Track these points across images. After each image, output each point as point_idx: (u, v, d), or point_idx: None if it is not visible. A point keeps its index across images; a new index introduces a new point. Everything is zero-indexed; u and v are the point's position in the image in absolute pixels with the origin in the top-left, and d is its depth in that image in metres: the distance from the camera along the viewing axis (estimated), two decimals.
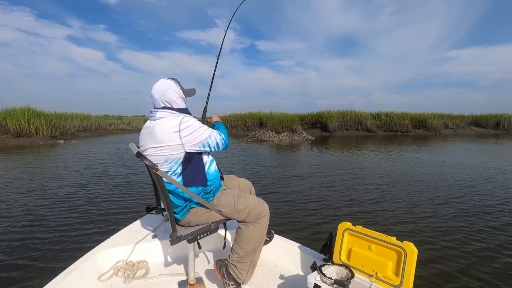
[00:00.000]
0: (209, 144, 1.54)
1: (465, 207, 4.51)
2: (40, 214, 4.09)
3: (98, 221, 3.86)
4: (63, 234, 3.43)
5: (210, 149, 1.56)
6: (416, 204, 4.67)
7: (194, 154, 1.53)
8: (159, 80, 1.58)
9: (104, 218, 3.95)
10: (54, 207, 4.41)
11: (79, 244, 3.16)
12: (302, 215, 4.13)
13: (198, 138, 1.50)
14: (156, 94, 1.54)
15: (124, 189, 5.56)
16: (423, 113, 26.23)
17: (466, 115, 29.33)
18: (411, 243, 1.29)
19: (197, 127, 1.50)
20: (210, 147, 1.55)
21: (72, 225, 3.69)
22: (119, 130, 26.10)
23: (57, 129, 16.69)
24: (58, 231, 3.50)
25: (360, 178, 6.63)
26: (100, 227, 3.66)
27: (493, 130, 27.74)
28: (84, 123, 21.17)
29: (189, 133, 1.47)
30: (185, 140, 1.46)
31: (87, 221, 3.83)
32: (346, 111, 24.79)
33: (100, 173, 7.08)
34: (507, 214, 4.19)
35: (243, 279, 1.59)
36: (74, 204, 4.59)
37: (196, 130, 1.49)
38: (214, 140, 1.55)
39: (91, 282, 1.69)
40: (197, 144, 1.50)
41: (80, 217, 3.99)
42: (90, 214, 4.10)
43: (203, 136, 1.51)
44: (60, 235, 3.39)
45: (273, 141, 16.60)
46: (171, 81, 1.58)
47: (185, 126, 1.46)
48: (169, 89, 1.54)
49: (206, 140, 1.52)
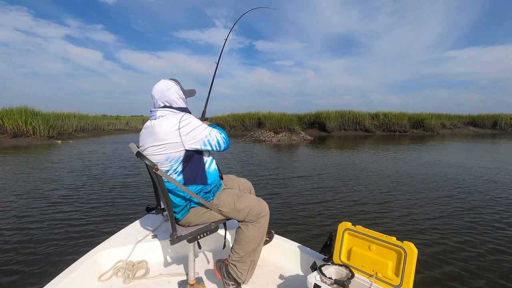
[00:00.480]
0: (210, 143, 1.52)
1: (465, 207, 4.51)
2: (39, 214, 4.07)
3: (98, 221, 3.84)
4: (63, 234, 3.42)
5: (211, 148, 1.54)
6: (416, 204, 4.67)
7: (194, 153, 1.53)
8: (159, 81, 1.59)
9: (104, 218, 3.94)
10: (54, 207, 4.39)
11: (79, 244, 3.15)
12: (302, 215, 4.13)
13: (198, 136, 1.48)
14: (157, 94, 1.55)
15: (124, 189, 5.54)
16: (420, 113, 26.35)
17: (464, 115, 29.54)
18: (411, 243, 1.29)
19: (197, 125, 1.50)
20: (212, 145, 1.53)
21: (72, 225, 3.68)
22: (117, 130, 26.05)
23: (54, 129, 16.63)
24: (58, 231, 3.49)
25: (360, 178, 6.64)
26: (100, 227, 3.64)
27: (490, 130, 27.89)
28: (81, 123, 21.13)
29: (189, 131, 1.46)
30: (185, 138, 1.45)
31: (87, 221, 3.82)
32: (344, 111, 24.84)
33: (99, 173, 7.06)
34: (508, 214, 4.19)
35: (243, 279, 1.59)
36: (74, 204, 4.57)
37: (196, 128, 1.48)
38: (215, 138, 1.54)
39: (91, 282, 1.68)
40: (197, 142, 1.49)
41: (80, 217, 3.97)
42: (90, 214, 4.08)
43: (203, 134, 1.50)
44: (60, 235, 3.38)
45: (272, 141, 16.61)
46: (172, 82, 1.58)
47: (185, 124, 1.45)
48: (169, 89, 1.55)
49: (206, 138, 1.51)
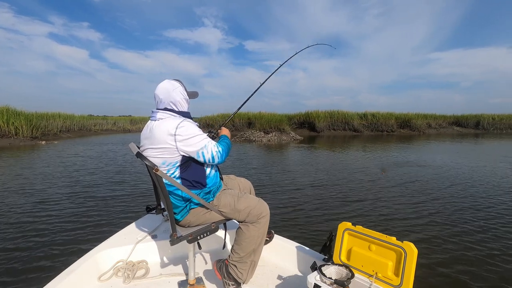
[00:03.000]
0: (204, 155, 1.48)
1: (465, 207, 4.52)
2: (38, 214, 4.04)
3: (98, 221, 3.84)
4: (63, 234, 3.41)
5: (204, 160, 1.50)
6: (416, 204, 4.68)
7: (192, 158, 1.50)
8: (163, 81, 1.56)
9: (104, 218, 3.92)
10: (53, 207, 4.37)
11: (79, 244, 3.15)
12: (302, 215, 4.13)
13: (193, 146, 1.45)
14: (162, 94, 1.52)
15: (124, 189, 5.52)
16: (407, 113, 26.93)
17: (448, 115, 30.41)
18: (411, 243, 1.29)
19: (193, 134, 1.46)
20: (205, 158, 1.49)
21: (71, 225, 3.66)
22: (104, 131, 25.47)
23: (38, 129, 16.16)
24: (58, 232, 3.48)
25: (359, 178, 6.65)
26: (100, 227, 3.64)
27: (473, 129, 28.78)
28: (67, 123, 20.58)
29: (184, 138, 1.43)
30: (179, 144, 1.43)
31: (86, 221, 3.81)
32: (333, 111, 25.11)
33: (98, 173, 6.92)
34: (508, 213, 4.23)
35: (243, 279, 1.58)
36: (74, 204, 4.56)
37: (193, 137, 1.45)
38: (210, 151, 1.49)
39: (91, 282, 1.68)
40: (192, 152, 1.46)
41: (80, 217, 3.96)
42: (90, 214, 4.07)
43: (198, 146, 1.46)
44: (60, 235, 3.37)
45: (262, 141, 16.63)
46: (177, 82, 1.57)
47: (182, 131, 1.43)
48: (175, 89, 1.53)
49: (201, 150, 1.47)
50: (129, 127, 29.07)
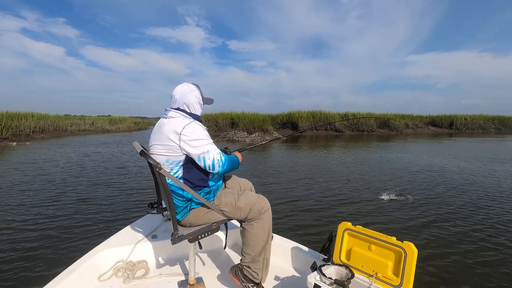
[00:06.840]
0: (205, 160, 1.46)
1: (465, 206, 4.56)
2: (38, 214, 4.02)
3: (98, 221, 3.81)
4: (63, 234, 3.40)
5: (204, 166, 1.47)
6: (416, 204, 4.70)
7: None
8: (182, 83, 1.63)
9: (103, 218, 3.91)
10: (52, 207, 4.37)
11: (79, 244, 3.15)
12: (302, 215, 4.12)
13: (196, 149, 1.45)
14: (177, 94, 1.58)
15: (124, 189, 5.52)
16: (386, 114, 27.81)
17: (424, 115, 31.68)
18: (411, 243, 1.30)
19: (199, 137, 1.46)
20: (205, 163, 1.47)
21: (71, 225, 3.66)
22: (81, 131, 24.44)
23: (8, 130, 15.43)
24: (58, 231, 3.47)
25: (359, 178, 6.67)
26: (99, 227, 3.62)
27: (447, 129, 30.16)
28: (41, 123, 19.67)
29: (188, 139, 1.44)
30: (183, 144, 1.44)
31: (86, 221, 3.80)
32: (315, 111, 25.54)
33: (96, 173, 6.83)
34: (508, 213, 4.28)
35: (259, 278, 1.59)
36: (74, 204, 4.56)
37: (197, 140, 1.45)
38: (212, 158, 1.47)
39: (91, 282, 1.68)
40: (193, 154, 1.45)
41: (80, 217, 3.94)
42: (90, 214, 4.06)
43: (201, 149, 1.45)
44: (60, 235, 3.36)
45: (245, 141, 16.61)
46: (194, 86, 1.63)
47: (188, 131, 1.44)
48: (191, 92, 1.59)
49: (203, 154, 1.46)
50: (108, 127, 28.09)
